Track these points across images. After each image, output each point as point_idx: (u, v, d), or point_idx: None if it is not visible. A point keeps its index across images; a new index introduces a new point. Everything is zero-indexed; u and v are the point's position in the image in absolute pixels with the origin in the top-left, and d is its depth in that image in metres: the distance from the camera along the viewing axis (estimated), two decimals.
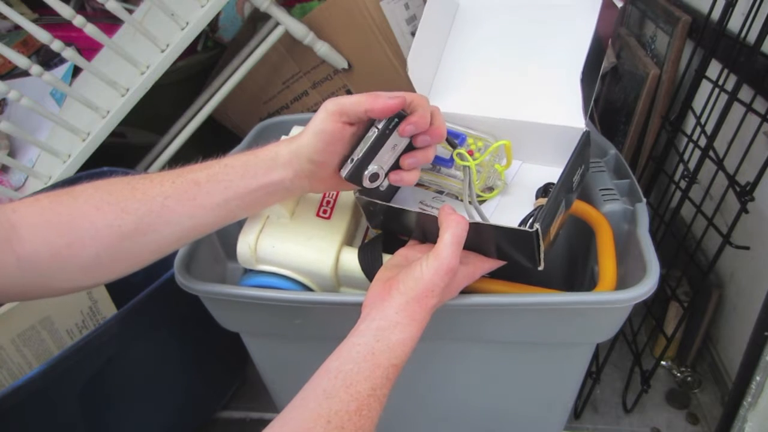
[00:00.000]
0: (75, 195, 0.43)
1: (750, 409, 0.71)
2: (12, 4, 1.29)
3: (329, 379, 0.38)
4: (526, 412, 0.66)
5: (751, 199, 0.71)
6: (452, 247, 0.43)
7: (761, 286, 0.71)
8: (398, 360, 0.41)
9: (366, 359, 0.39)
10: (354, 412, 0.37)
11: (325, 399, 0.37)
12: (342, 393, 0.37)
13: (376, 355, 0.40)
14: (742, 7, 0.80)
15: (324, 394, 0.37)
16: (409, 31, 1.02)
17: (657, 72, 1.08)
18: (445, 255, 0.42)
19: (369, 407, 0.38)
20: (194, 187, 0.44)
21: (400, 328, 0.41)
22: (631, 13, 1.35)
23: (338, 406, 0.37)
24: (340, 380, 0.38)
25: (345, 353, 0.40)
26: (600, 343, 0.58)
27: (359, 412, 0.37)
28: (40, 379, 0.57)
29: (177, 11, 0.90)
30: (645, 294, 0.45)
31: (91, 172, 0.92)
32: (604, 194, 0.57)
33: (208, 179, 0.45)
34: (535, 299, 0.48)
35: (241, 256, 0.53)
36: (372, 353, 0.40)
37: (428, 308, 0.43)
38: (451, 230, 0.43)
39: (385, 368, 0.40)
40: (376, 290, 0.45)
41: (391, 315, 0.42)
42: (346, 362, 0.39)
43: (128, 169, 0.92)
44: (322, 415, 0.36)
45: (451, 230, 0.43)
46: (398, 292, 0.43)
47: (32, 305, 0.74)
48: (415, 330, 0.42)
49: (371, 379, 0.39)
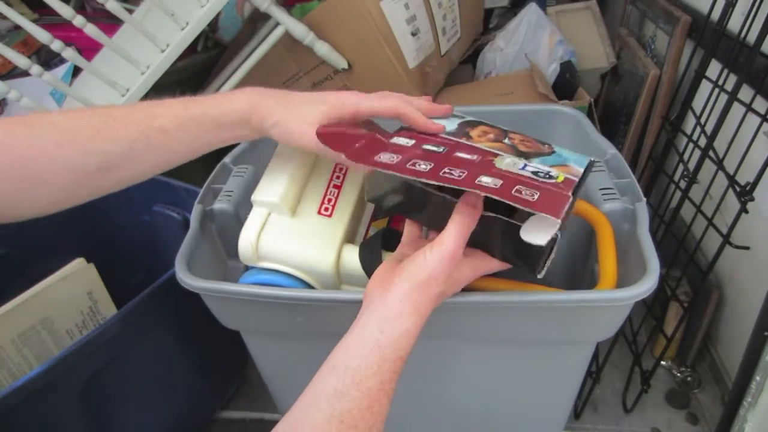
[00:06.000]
0: (30, 126, 0.43)
1: (750, 409, 0.71)
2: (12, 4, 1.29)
3: (337, 376, 0.38)
4: (526, 412, 0.66)
5: (751, 199, 0.71)
6: (456, 235, 0.42)
7: (761, 286, 0.71)
8: (404, 352, 0.40)
9: (373, 353, 0.39)
10: (366, 410, 0.37)
11: (336, 398, 0.37)
12: (353, 391, 0.37)
13: (382, 348, 0.39)
14: (742, 7, 0.80)
15: (335, 394, 0.37)
16: (410, 31, 1.02)
17: (657, 72, 1.08)
18: (449, 243, 0.42)
19: (379, 403, 0.38)
20: (162, 135, 0.46)
21: (404, 318, 0.41)
22: (631, 13, 1.36)
23: (350, 405, 0.37)
24: (349, 377, 0.38)
25: (351, 348, 0.40)
26: (600, 342, 0.58)
27: (370, 409, 0.37)
28: (40, 379, 0.57)
29: (177, 11, 0.90)
30: (645, 292, 0.45)
31: None
32: (604, 193, 0.57)
33: (177, 128, 0.46)
34: (537, 297, 0.48)
35: (243, 253, 0.53)
36: (378, 346, 0.39)
37: (431, 297, 0.42)
38: (458, 218, 0.42)
39: (392, 361, 0.39)
40: (378, 280, 0.44)
41: (395, 304, 0.41)
42: (353, 357, 0.39)
43: None
44: (335, 415, 0.36)
45: (458, 218, 0.42)
46: (401, 279, 0.42)
47: (32, 305, 0.74)
48: (419, 320, 0.42)
49: (379, 374, 0.38)
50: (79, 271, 0.78)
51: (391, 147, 0.47)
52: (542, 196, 0.40)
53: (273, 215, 0.53)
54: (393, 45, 1.00)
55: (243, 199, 0.63)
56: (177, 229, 0.82)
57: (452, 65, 1.26)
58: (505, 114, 0.75)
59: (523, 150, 0.48)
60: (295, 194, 0.54)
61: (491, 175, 0.42)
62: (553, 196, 0.40)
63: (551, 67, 1.15)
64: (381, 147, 0.47)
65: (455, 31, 1.20)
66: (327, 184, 0.57)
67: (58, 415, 0.63)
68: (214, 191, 0.65)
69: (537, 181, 0.42)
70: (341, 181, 0.58)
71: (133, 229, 0.91)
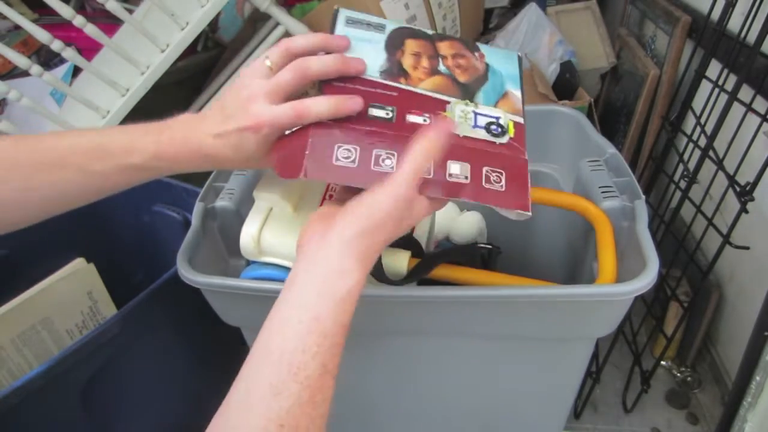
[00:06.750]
0: None
1: (750, 409, 0.71)
2: (12, 4, 1.29)
3: (272, 365, 0.33)
4: (525, 411, 0.66)
5: (751, 199, 0.71)
6: (412, 175, 0.37)
7: (761, 286, 0.71)
8: (347, 317, 0.35)
9: (311, 330, 0.34)
10: (307, 403, 0.32)
11: (273, 397, 0.32)
12: (291, 384, 0.32)
13: (321, 322, 0.34)
14: (742, 7, 0.80)
15: (271, 391, 0.32)
16: None
17: (657, 72, 1.08)
18: (404, 183, 0.36)
19: (322, 389, 0.33)
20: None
21: (347, 274, 0.35)
22: (631, 13, 1.36)
23: (289, 402, 0.32)
24: (285, 367, 0.33)
25: (286, 323, 0.35)
26: (600, 342, 0.58)
27: (312, 401, 0.33)
28: (40, 379, 0.57)
29: (177, 11, 0.90)
30: (644, 287, 0.45)
31: None
32: (603, 191, 0.57)
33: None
34: (536, 291, 0.48)
35: (245, 248, 0.53)
36: (316, 319, 0.34)
37: (379, 245, 0.37)
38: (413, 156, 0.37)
39: (333, 336, 0.34)
40: (314, 227, 0.38)
41: (334, 258, 0.36)
42: (289, 338, 0.34)
43: None
44: (272, 419, 0.31)
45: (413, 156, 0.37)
46: (343, 225, 0.36)
47: (32, 305, 0.74)
48: (362, 275, 0.36)
49: (320, 354, 0.33)
50: (79, 271, 0.78)
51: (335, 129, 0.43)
52: (509, 182, 0.42)
53: (275, 210, 0.54)
54: None
55: (244, 198, 0.63)
56: (177, 230, 0.82)
57: None
58: None
59: (463, 81, 0.47)
60: (296, 189, 0.54)
61: (457, 158, 0.42)
62: (517, 179, 0.43)
63: (551, 67, 1.16)
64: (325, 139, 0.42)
65: (455, 31, 1.20)
66: None
67: (58, 415, 0.63)
68: (216, 189, 0.65)
69: (495, 148, 0.44)
70: None
71: (133, 229, 0.91)
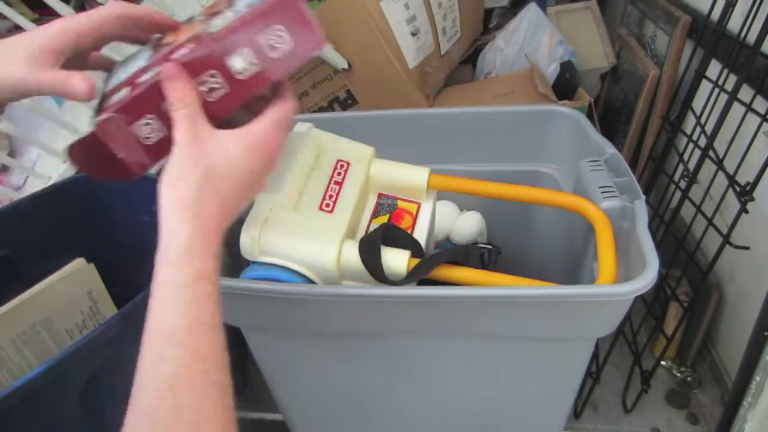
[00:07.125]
0: None
1: (750, 409, 0.71)
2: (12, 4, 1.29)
3: (149, 340, 0.34)
4: (525, 411, 0.66)
5: (751, 199, 0.71)
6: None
7: (761, 286, 0.71)
8: (203, 266, 0.36)
9: (167, 296, 0.34)
10: (192, 361, 0.32)
11: (156, 367, 0.32)
12: (167, 349, 0.32)
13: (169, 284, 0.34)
14: (742, 7, 0.80)
15: (153, 362, 0.33)
16: (409, 31, 1.02)
17: (657, 72, 1.08)
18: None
19: (202, 342, 0.33)
20: None
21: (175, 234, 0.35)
22: (631, 13, 1.36)
23: (172, 368, 0.32)
24: (153, 333, 0.34)
25: (154, 294, 0.35)
26: (600, 342, 0.58)
27: (198, 357, 0.32)
28: (40, 379, 0.57)
29: (177, 11, 0.90)
30: (645, 287, 0.45)
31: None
32: (603, 191, 0.57)
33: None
34: (536, 292, 0.48)
35: (244, 248, 0.53)
36: (166, 284, 0.34)
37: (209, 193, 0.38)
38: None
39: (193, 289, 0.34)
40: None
41: (166, 222, 0.36)
42: (154, 314, 0.34)
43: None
44: (163, 388, 0.31)
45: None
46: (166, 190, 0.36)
47: (32, 305, 0.74)
48: (194, 226, 0.36)
49: (182, 310, 0.34)
50: (79, 271, 0.78)
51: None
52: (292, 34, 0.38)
53: (275, 210, 0.54)
54: (393, 45, 1.00)
55: None
56: None
57: (452, 65, 1.26)
58: (505, 114, 0.75)
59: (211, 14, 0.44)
60: (296, 190, 0.55)
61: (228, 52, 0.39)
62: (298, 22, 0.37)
63: (551, 67, 1.16)
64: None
65: (455, 31, 1.20)
66: (328, 180, 0.57)
67: (58, 415, 0.63)
68: None
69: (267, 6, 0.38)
70: (342, 177, 0.58)
71: (133, 229, 0.91)
